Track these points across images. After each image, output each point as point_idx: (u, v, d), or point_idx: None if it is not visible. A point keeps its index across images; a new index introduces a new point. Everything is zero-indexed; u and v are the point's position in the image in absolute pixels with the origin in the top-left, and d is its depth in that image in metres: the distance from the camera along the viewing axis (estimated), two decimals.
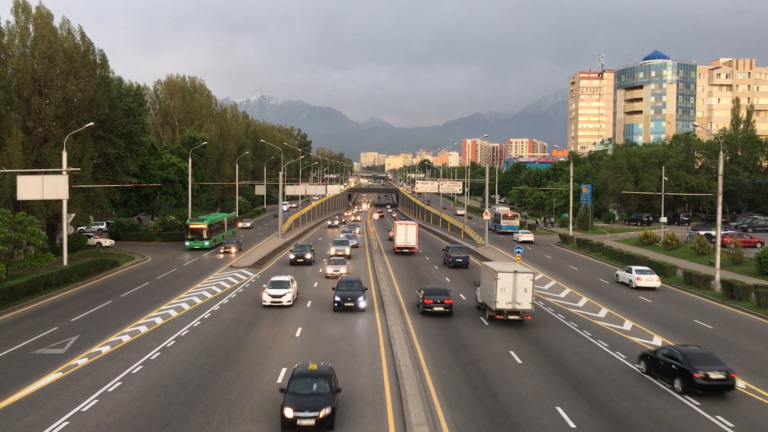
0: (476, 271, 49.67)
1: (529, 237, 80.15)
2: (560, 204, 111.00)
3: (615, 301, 42.22)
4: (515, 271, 34.62)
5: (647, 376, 25.19)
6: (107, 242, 71.37)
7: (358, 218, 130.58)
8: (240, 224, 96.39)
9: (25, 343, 29.60)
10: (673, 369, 23.69)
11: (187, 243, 68.08)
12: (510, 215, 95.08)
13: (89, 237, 71.46)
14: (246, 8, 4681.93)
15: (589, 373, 25.58)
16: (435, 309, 37.16)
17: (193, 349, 28.51)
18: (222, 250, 65.80)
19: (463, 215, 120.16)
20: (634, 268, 49.86)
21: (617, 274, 51.61)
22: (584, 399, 22.41)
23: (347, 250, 61.62)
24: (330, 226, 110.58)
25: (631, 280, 48.78)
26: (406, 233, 68.73)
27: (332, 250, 61.35)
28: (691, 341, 30.16)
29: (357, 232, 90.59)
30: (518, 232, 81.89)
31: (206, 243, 68.00)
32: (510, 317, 34.76)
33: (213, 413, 20.50)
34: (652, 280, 47.87)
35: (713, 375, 22.61)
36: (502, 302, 34.44)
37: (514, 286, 34.47)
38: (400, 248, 68.40)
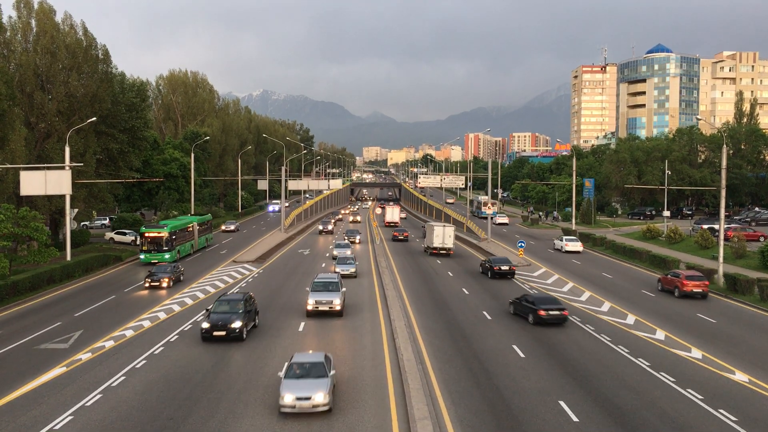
0: None
1: (505, 220, 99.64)
2: (563, 198, 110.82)
3: (616, 294, 42.24)
4: (444, 225, 62.92)
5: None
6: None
7: (358, 218, 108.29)
8: (223, 227, 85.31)
9: (28, 338, 29.69)
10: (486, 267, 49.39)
11: (141, 256, 53.67)
12: (490, 204, 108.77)
13: (124, 234, 67.54)
14: (246, 2, 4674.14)
15: (595, 369, 25.67)
16: (399, 238, 76.47)
17: (197, 343, 28.56)
18: (147, 284, 42.73)
19: (452, 203, 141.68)
20: (564, 237, 67.74)
21: (554, 242, 68.39)
22: (586, 391, 22.49)
23: (336, 301, 33.84)
24: (322, 232, 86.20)
25: (561, 246, 65.38)
26: (393, 212, 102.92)
27: (311, 302, 33.87)
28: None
29: (357, 241, 72.15)
30: (495, 216, 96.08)
31: (167, 255, 53.40)
32: (440, 252, 61.45)
33: (217, 407, 20.56)
34: (577, 246, 64.96)
35: (503, 267, 48.01)
36: (436, 243, 61.29)
37: (443, 234, 61.29)
38: (388, 222, 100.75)
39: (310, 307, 33.79)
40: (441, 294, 41.96)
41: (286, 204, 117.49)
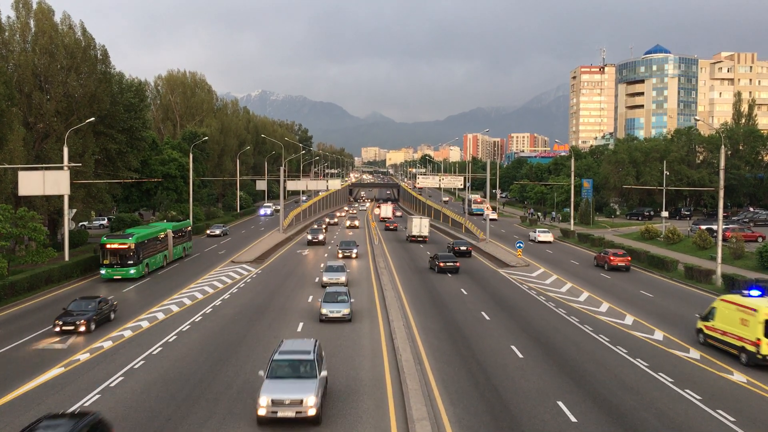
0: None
1: (494, 216, 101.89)
2: (561, 199, 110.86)
3: (615, 294, 42.27)
4: (421, 218, 78.69)
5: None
6: None
7: (356, 223, 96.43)
8: (208, 231, 79.78)
9: (27, 338, 29.67)
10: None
11: (102, 271, 45.72)
12: (479, 200, 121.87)
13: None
14: (245, 2, 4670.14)
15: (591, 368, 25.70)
16: (389, 228, 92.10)
17: (194, 344, 28.57)
18: (57, 328, 30.25)
19: (447, 201, 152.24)
20: (537, 229, 78.26)
21: (529, 234, 77.93)
22: (583, 392, 22.51)
23: (310, 400, 18.98)
24: (312, 242, 71.08)
25: (535, 237, 74.51)
26: (386, 209, 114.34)
27: (264, 403, 18.98)
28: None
29: (354, 255, 58.98)
30: (484, 214, 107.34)
31: (132, 270, 45.69)
32: (417, 239, 74.73)
33: (215, 408, 20.57)
34: (548, 236, 74.01)
35: (462, 248, 62.05)
36: (414, 232, 74.77)
37: (420, 225, 75.28)
38: (382, 218, 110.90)
39: (262, 412, 18.97)
40: (439, 294, 41.95)
41: (278, 208, 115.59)
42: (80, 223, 76.25)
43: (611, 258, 53.09)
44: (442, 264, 50.42)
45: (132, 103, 68.13)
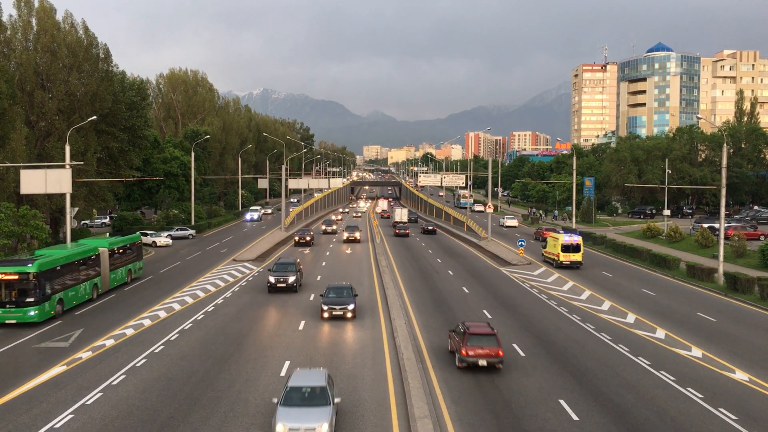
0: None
1: (481, 208, 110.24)
2: (563, 197, 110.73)
3: (615, 293, 42.24)
4: (401, 208, 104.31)
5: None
6: (163, 241, 65.05)
7: (357, 235, 71.20)
8: (157, 240, 65.96)
9: (29, 336, 29.74)
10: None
11: None
12: (467, 195, 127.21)
13: (145, 234, 62.40)
14: (247, 1, 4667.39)
15: (590, 365, 25.68)
16: (384, 217, 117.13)
17: (197, 342, 28.61)
18: None
19: (442, 195, 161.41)
20: (505, 216, 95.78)
21: (500, 220, 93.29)
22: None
23: None
24: (275, 288, 40.45)
25: (503, 223, 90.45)
26: (383, 204, 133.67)
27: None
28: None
29: (350, 314, 32.96)
30: (472, 206, 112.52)
31: (32, 312, 31.69)
32: (399, 223, 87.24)
33: (217, 406, 20.60)
34: (513, 222, 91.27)
35: (429, 228, 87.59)
36: (397, 218, 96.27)
37: (401, 213, 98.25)
38: (380, 212, 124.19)
39: None
40: (441, 292, 41.95)
41: (269, 211, 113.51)
42: (82, 222, 76.26)
43: (544, 232, 68.70)
44: (397, 231, 78.99)
45: (134, 101, 68.18)
